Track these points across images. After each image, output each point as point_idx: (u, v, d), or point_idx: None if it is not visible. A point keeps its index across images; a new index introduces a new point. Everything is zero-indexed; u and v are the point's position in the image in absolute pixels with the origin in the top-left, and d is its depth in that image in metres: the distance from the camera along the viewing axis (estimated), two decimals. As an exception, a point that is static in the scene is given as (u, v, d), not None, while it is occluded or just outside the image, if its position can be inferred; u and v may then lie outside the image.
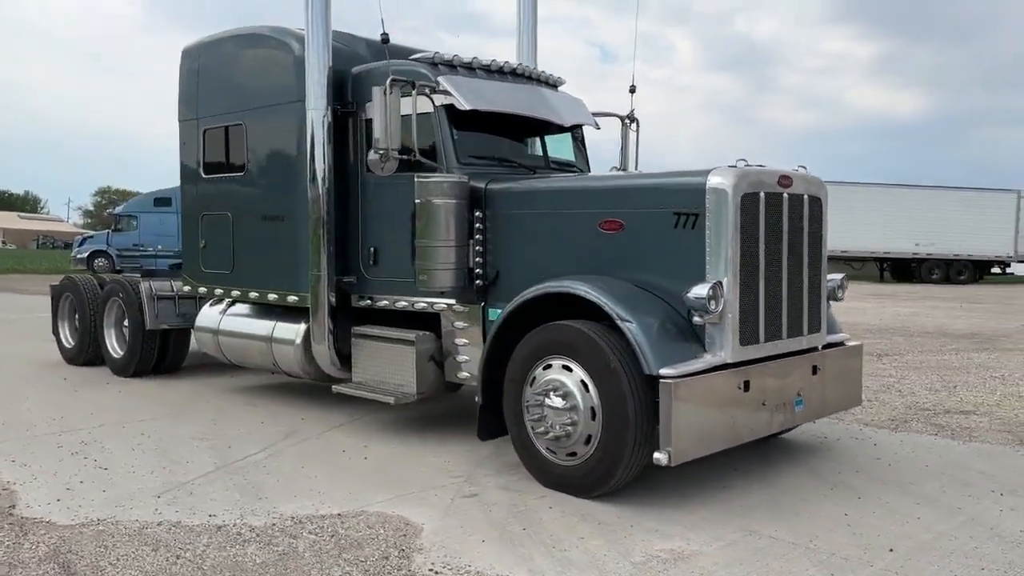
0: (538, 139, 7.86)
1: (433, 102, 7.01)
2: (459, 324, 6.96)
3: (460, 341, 6.97)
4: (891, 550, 4.78)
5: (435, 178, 6.70)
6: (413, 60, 7.39)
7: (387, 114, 6.57)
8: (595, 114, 8.40)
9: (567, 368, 5.70)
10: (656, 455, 5.20)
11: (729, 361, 5.54)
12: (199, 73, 8.90)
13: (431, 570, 4.48)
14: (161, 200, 28.94)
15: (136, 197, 38.37)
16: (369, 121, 7.43)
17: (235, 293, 8.62)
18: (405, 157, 6.74)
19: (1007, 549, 4.83)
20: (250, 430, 7.59)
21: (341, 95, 7.61)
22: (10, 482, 5.99)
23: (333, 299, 7.64)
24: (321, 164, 7.50)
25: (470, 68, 7.40)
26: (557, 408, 5.67)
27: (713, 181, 5.58)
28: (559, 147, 8.03)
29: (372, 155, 6.70)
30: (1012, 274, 40.67)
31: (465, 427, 7.53)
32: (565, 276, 6.05)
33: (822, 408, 6.49)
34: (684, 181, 5.77)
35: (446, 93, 6.98)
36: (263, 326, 8.40)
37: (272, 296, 8.17)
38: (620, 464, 5.45)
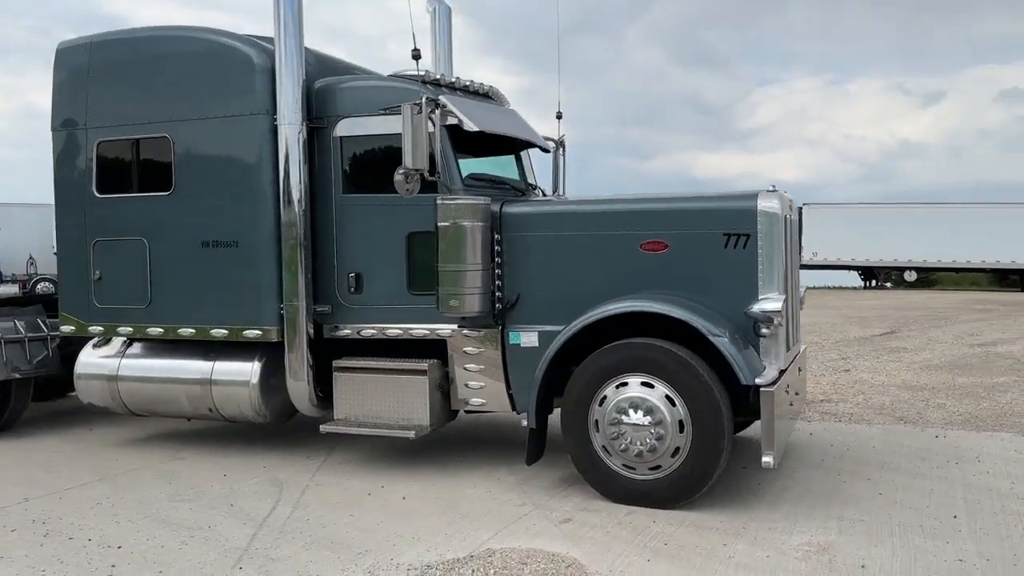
0: (513, 160, 7.86)
1: (433, 123, 6.75)
2: (470, 349, 6.76)
3: (472, 367, 6.78)
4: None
5: (462, 200, 6.49)
6: (398, 77, 7.07)
7: (416, 134, 6.25)
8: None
9: (647, 385, 5.88)
10: (764, 459, 5.59)
11: (782, 368, 6.10)
12: (89, 75, 7.59)
13: (648, 595, 4.47)
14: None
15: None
16: (341, 139, 7.00)
17: (153, 331, 7.47)
18: (433, 179, 6.44)
19: (1030, 505, 5.92)
20: (236, 486, 6.68)
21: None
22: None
23: (311, 331, 7.00)
24: (297, 184, 6.86)
25: (453, 88, 7.24)
26: (640, 424, 5.83)
27: (764, 204, 6.12)
28: (507, 167, 8.08)
29: (398, 176, 6.32)
30: None
31: (442, 452, 7.49)
32: (626, 296, 6.20)
33: (803, 404, 7.31)
34: (734, 205, 6.23)
35: (450, 114, 6.77)
36: (193, 367, 7.41)
37: (219, 332, 7.23)
38: (712, 473, 5.77)
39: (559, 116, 8.71)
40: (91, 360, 7.89)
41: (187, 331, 7.36)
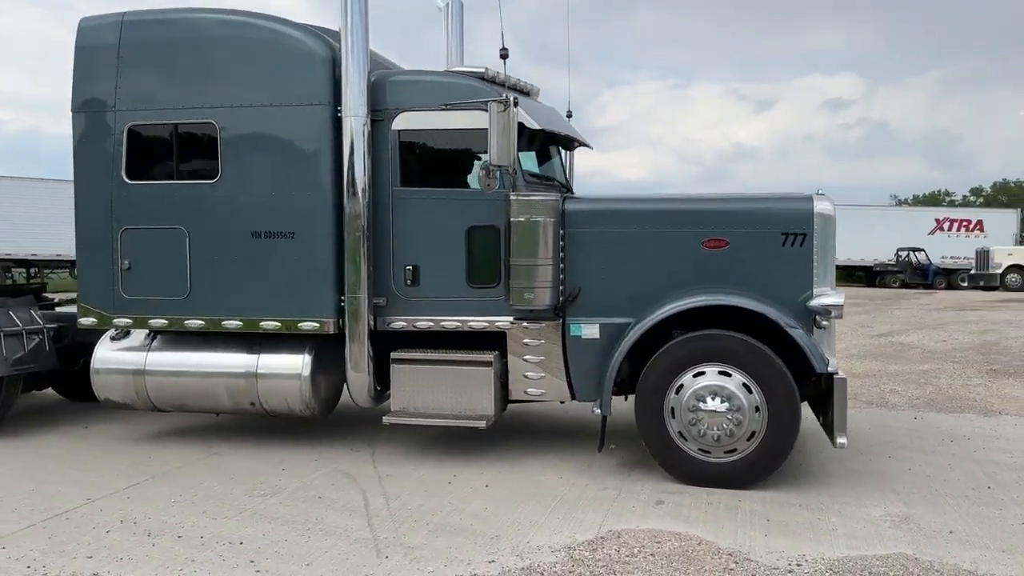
0: (556, 157, 8.06)
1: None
2: (530, 341, 6.97)
3: (531, 358, 6.98)
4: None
5: (536, 196, 6.69)
6: (459, 73, 7.16)
7: (501, 131, 6.38)
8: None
9: (724, 373, 6.29)
10: (839, 440, 6.12)
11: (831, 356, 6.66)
12: (120, 54, 7.23)
13: (789, 561, 4.86)
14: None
15: None
16: (399, 132, 7.03)
17: (193, 323, 7.23)
18: (513, 176, 6.60)
19: None
20: (305, 479, 6.61)
21: (359, 102, 7.01)
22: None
23: (373, 323, 7.00)
24: (362, 176, 6.84)
25: (506, 86, 7.38)
26: (718, 411, 6.25)
27: (819, 207, 6.65)
28: (549, 165, 8.24)
29: (481, 172, 6.46)
30: None
31: (479, 441, 7.70)
32: (695, 290, 6.58)
33: None
34: (792, 206, 6.73)
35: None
36: (236, 361, 7.24)
37: (270, 324, 7.09)
38: (786, 454, 6.26)
39: (569, 115, 8.93)
40: (111, 355, 7.54)
41: (232, 323, 7.17)
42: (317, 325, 7.05)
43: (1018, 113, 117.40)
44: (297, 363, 7.14)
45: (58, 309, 8.84)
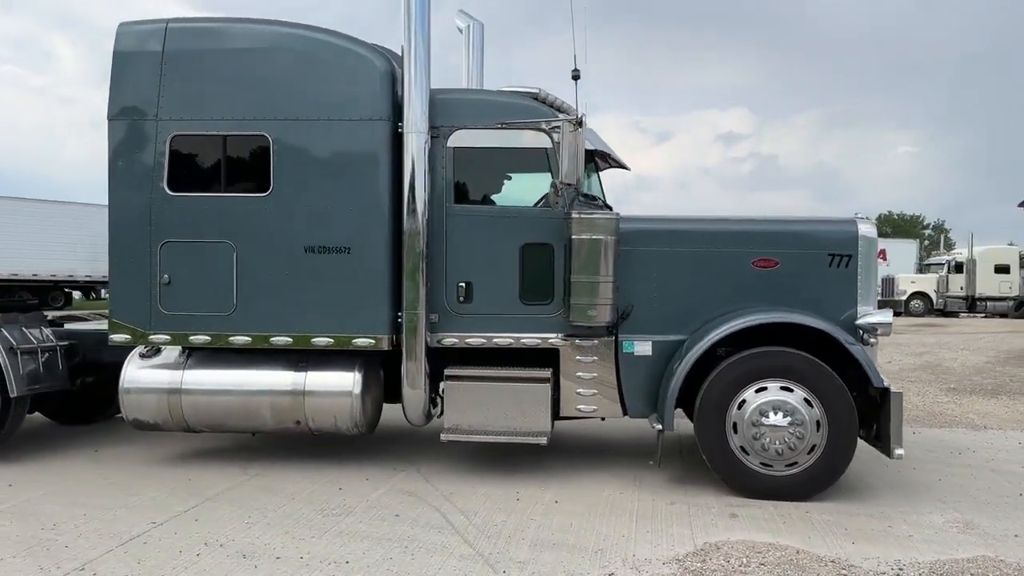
0: (596, 175, 8.17)
1: (552, 138, 7.00)
2: (583, 358, 7.06)
3: (584, 374, 7.07)
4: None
5: (599, 215, 6.81)
6: (515, 93, 7.23)
7: (572, 150, 6.50)
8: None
9: (786, 389, 6.51)
10: (897, 451, 6.40)
11: (877, 371, 6.97)
12: (164, 62, 7.01)
13: (891, 567, 5.07)
14: None
15: None
16: (455, 150, 7.05)
17: (238, 340, 7.01)
18: (581, 195, 6.71)
19: None
20: (368, 497, 6.49)
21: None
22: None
23: (430, 339, 6.95)
24: (422, 193, 6.82)
25: (550, 106, 7.48)
26: (780, 426, 6.46)
27: (863, 229, 6.99)
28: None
29: (550, 189, 6.56)
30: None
31: (511, 455, 7.72)
32: (751, 308, 6.80)
33: None
34: (838, 228, 7.05)
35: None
36: (282, 379, 7.07)
37: (322, 341, 6.94)
38: (844, 467, 6.51)
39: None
40: (144, 373, 7.24)
41: (281, 340, 7.00)
42: (372, 341, 6.96)
43: (895, 150, 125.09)
44: (348, 380, 7.02)
45: (67, 326, 8.40)
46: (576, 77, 6.99)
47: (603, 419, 7.44)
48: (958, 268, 40.19)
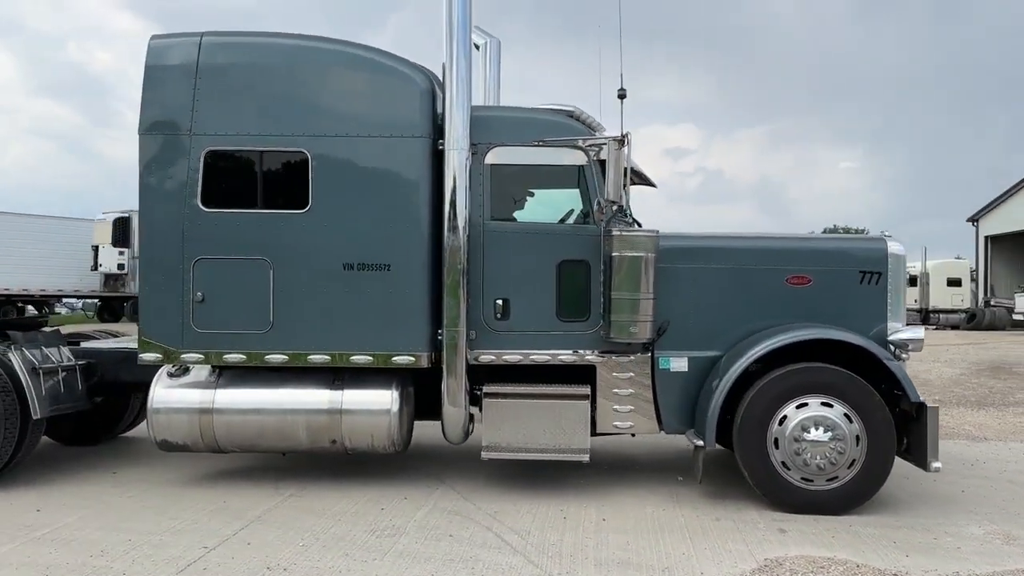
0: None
1: (589, 156, 7.06)
2: (619, 375, 7.10)
3: (620, 391, 7.11)
4: (1056, 507, 6.99)
5: (640, 233, 6.87)
6: (553, 111, 7.25)
7: (616, 167, 6.56)
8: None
9: (827, 404, 6.62)
10: (935, 464, 6.54)
11: (907, 386, 7.11)
12: (199, 76, 6.89)
13: (956, 583, 5.20)
14: None
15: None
16: (491, 167, 7.06)
17: (275, 359, 6.89)
18: (624, 213, 6.76)
19: (1080, 494, 7.43)
20: (414, 517, 6.42)
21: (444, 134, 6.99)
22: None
23: (471, 357, 6.92)
24: (463, 210, 6.80)
25: (584, 123, 7.53)
26: (822, 441, 6.56)
27: (893, 247, 7.17)
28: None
29: (596, 208, 6.60)
30: None
31: (541, 472, 7.73)
32: (786, 324, 6.91)
33: None
34: (869, 246, 7.21)
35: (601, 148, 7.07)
36: (318, 397, 6.97)
37: (361, 359, 6.87)
38: (882, 481, 6.63)
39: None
40: (173, 393, 7.08)
41: (319, 358, 6.90)
42: (412, 359, 6.91)
43: (836, 165, 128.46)
44: (386, 399, 6.95)
45: (84, 344, 8.18)
46: (622, 96, 7.06)
47: (633, 435, 7.47)
48: (911, 281, 41.23)
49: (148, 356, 7.01)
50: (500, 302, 7.07)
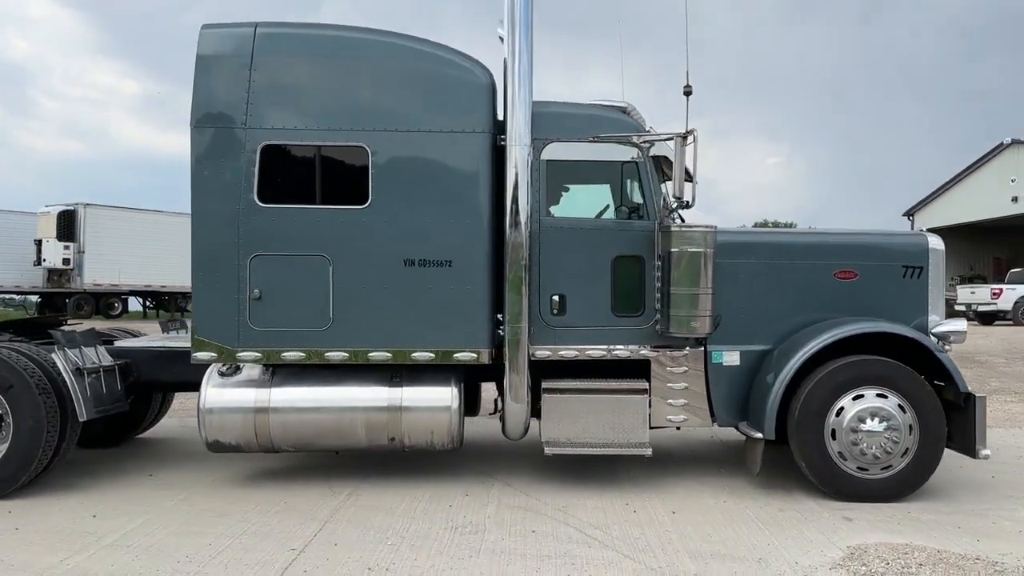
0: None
1: (642, 152, 7.12)
2: (675, 368, 7.19)
3: (675, 385, 7.20)
4: (1088, 490, 7.32)
5: (698, 228, 6.94)
6: (607, 107, 7.28)
7: (679, 164, 6.63)
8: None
9: (882, 396, 6.81)
10: (984, 452, 6.79)
11: (951, 376, 7.34)
12: (254, 68, 6.73)
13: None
14: None
15: None
16: (548, 162, 7.08)
17: (335, 356, 6.79)
18: (682, 210, 6.85)
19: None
20: (487, 513, 6.40)
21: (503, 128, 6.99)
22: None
23: (534, 353, 6.92)
24: (525, 206, 6.80)
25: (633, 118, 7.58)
26: (877, 431, 6.75)
27: (933, 243, 7.41)
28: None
29: (661, 204, 6.67)
30: None
31: (588, 465, 7.80)
32: (836, 318, 7.09)
33: None
34: (911, 241, 7.46)
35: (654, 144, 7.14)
36: (377, 394, 6.90)
37: (423, 355, 6.81)
38: (933, 469, 6.86)
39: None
40: (227, 393, 6.92)
41: (380, 355, 6.83)
42: (473, 355, 6.88)
43: (764, 161, 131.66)
44: (446, 395, 6.91)
45: (117, 343, 7.92)
46: (688, 93, 7.12)
47: (678, 428, 7.59)
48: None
49: (202, 355, 6.83)
50: (556, 297, 7.08)
